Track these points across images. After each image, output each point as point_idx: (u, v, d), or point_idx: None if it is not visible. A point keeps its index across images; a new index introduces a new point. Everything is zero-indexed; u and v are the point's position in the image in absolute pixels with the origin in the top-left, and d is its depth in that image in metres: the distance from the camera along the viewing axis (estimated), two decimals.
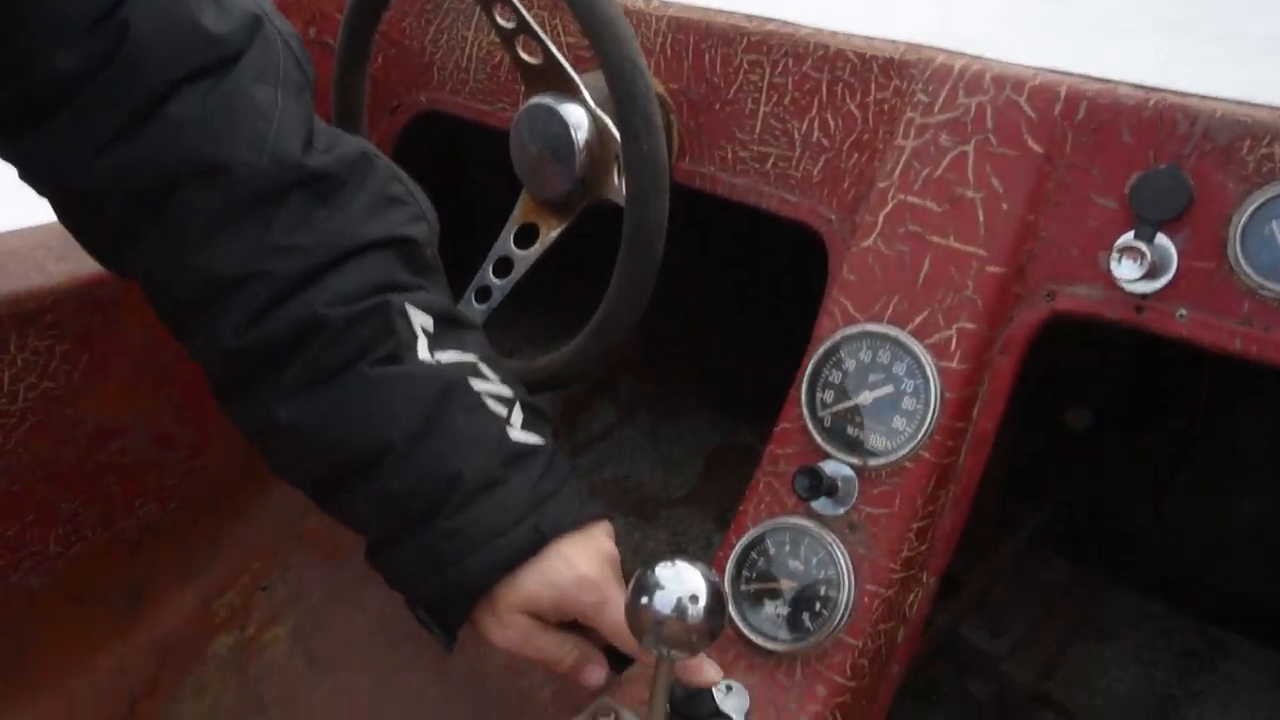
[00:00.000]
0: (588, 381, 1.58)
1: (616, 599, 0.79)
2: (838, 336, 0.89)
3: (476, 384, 0.78)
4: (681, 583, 0.72)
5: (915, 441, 0.84)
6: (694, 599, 0.71)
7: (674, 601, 0.71)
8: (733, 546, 0.90)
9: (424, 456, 0.75)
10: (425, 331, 0.78)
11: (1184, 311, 0.76)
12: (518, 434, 0.79)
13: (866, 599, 0.85)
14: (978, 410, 0.85)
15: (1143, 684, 1.20)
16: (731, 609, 0.89)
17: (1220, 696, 1.18)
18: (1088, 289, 0.80)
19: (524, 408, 0.81)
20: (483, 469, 0.76)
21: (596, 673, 0.83)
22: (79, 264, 1.09)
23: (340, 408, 0.74)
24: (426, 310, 0.78)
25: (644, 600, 0.72)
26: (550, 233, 1.08)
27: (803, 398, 0.90)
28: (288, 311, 0.74)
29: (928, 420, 0.84)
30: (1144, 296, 0.78)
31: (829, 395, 0.89)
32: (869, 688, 0.88)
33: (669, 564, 0.73)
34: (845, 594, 0.84)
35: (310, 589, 1.25)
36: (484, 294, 1.10)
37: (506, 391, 0.80)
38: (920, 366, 0.85)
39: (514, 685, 1.09)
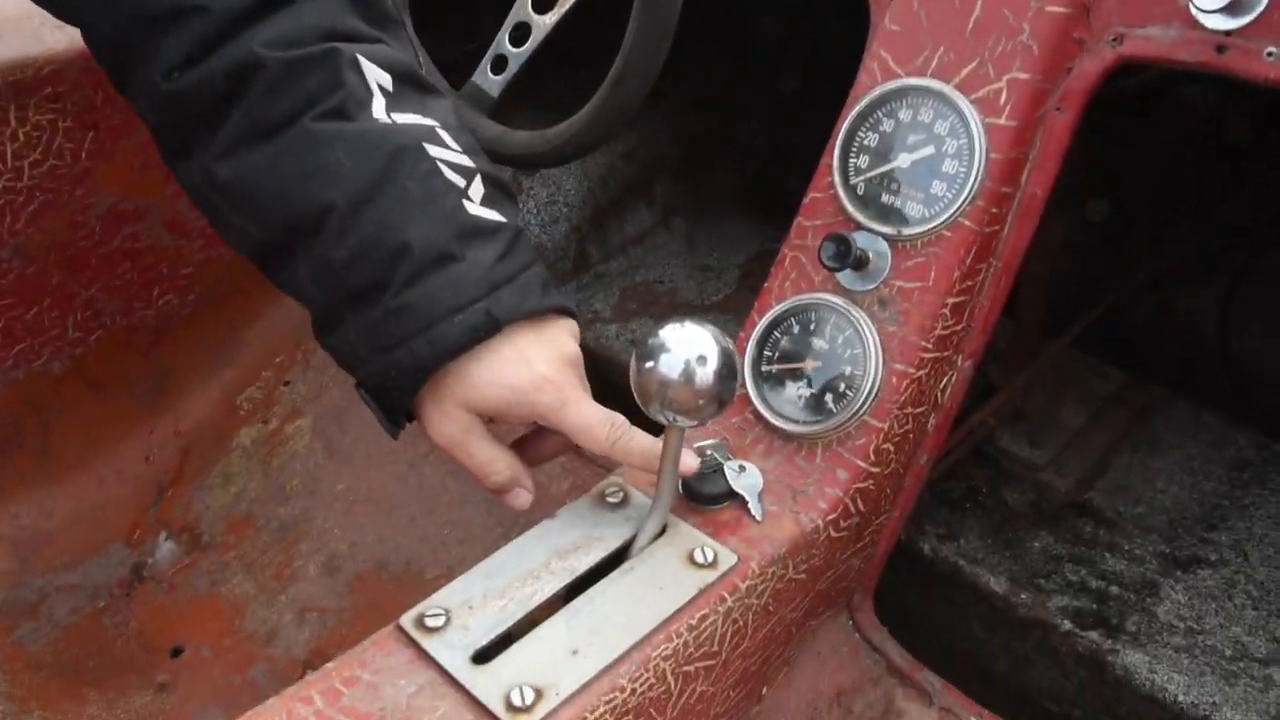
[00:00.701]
0: (619, 184, 1.51)
1: (577, 398, 0.75)
2: (876, 93, 0.80)
3: (433, 150, 0.72)
4: (690, 344, 0.67)
5: (955, 208, 0.77)
6: (702, 360, 0.67)
7: (681, 364, 0.67)
8: (755, 326, 0.85)
9: (368, 223, 0.69)
10: (382, 89, 0.71)
11: (1273, 50, 0.67)
12: (476, 208, 0.73)
13: (894, 379, 0.79)
14: (1027, 174, 0.77)
15: (1189, 495, 1.15)
16: (751, 390, 0.84)
17: (1271, 509, 1.12)
18: (1161, 29, 0.71)
19: (486, 181, 0.74)
20: (434, 241, 0.70)
21: (523, 497, 0.80)
22: (77, 33, 1.03)
23: (280, 164, 0.69)
24: (384, 66, 0.72)
25: (649, 364, 0.67)
26: None
27: (835, 163, 0.83)
28: (224, 53, 0.68)
29: (970, 184, 0.76)
30: (1227, 34, 0.68)
31: (863, 160, 0.82)
32: (894, 476, 0.84)
33: (677, 324, 0.68)
34: (871, 374, 0.79)
35: (330, 384, 1.23)
36: (500, 64, 1.02)
37: (467, 162, 0.74)
38: (965, 124, 0.76)
39: (533, 479, 1.07)
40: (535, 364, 0.74)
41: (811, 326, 0.82)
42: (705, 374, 0.66)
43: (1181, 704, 0.97)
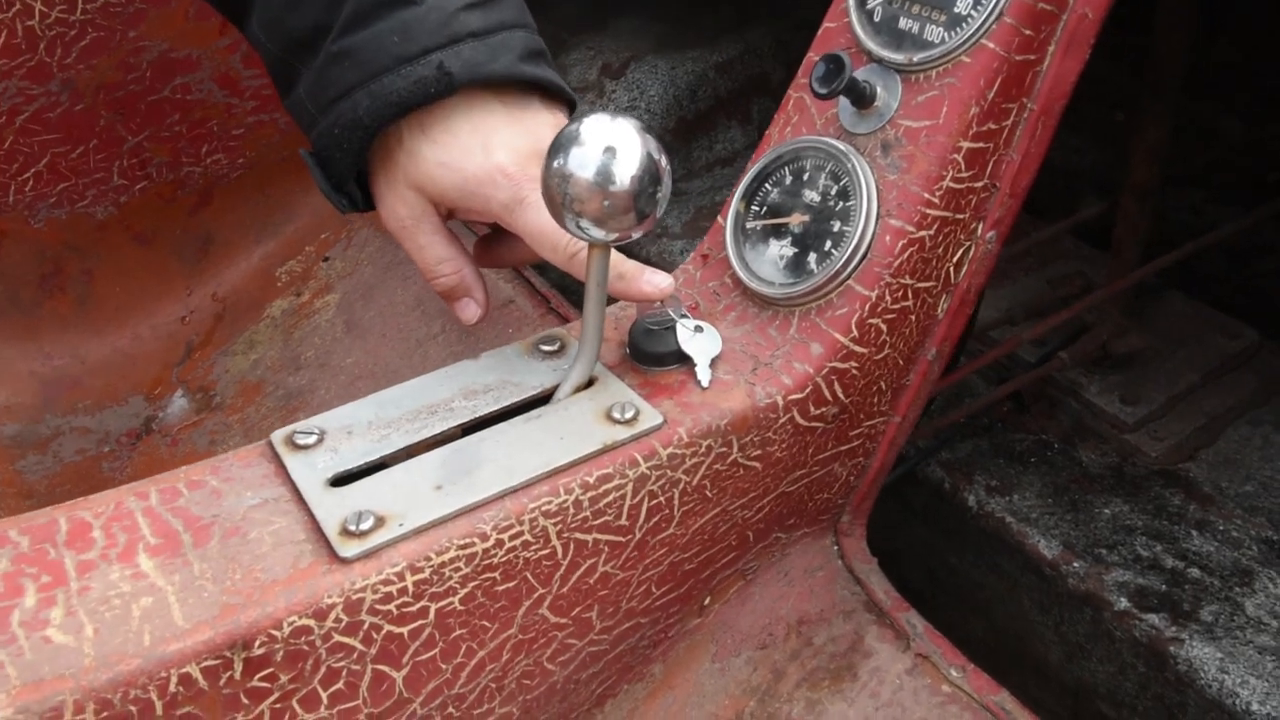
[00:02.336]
0: (709, 97, 1.40)
1: (537, 200, 0.63)
2: None
3: None
4: (605, 137, 0.56)
5: (978, 26, 0.62)
6: (612, 154, 0.56)
7: (591, 160, 0.56)
8: (744, 177, 0.73)
9: None
10: None
11: None
12: None
13: (889, 238, 0.66)
14: None
15: None
16: (730, 250, 0.72)
17: None
18: None
19: None
20: None
21: (470, 309, 0.72)
22: None
23: None
24: None
25: (558, 160, 0.57)
26: None
27: None
28: None
29: None
30: None
31: None
32: (889, 365, 0.70)
33: (601, 115, 0.57)
34: (860, 229, 0.66)
35: (365, 262, 1.18)
36: None
37: None
38: None
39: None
40: (495, 152, 0.64)
41: (805, 176, 0.69)
42: (619, 172, 0.55)
43: (1256, 714, 0.77)
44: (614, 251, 0.62)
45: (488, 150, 0.64)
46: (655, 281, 0.65)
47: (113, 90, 1.11)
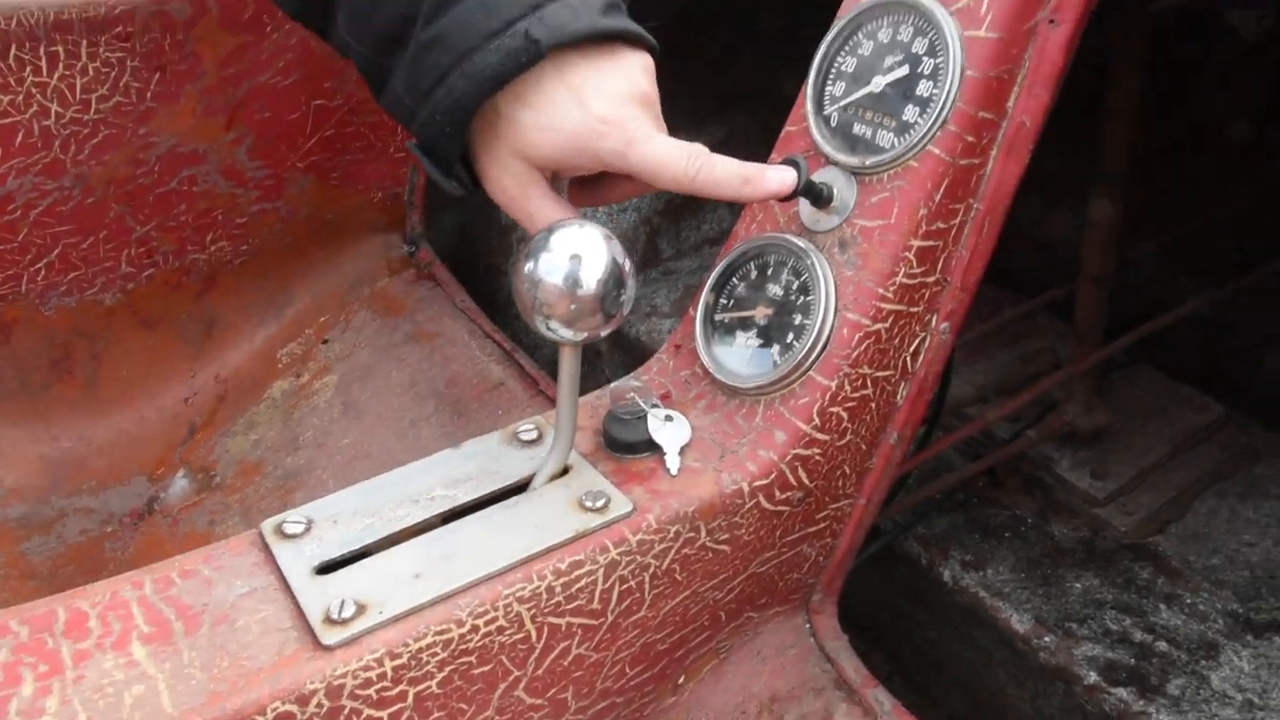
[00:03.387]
0: None
1: (645, 136, 0.65)
2: (854, 12, 0.72)
3: None
4: (572, 244, 0.60)
5: (924, 134, 0.67)
6: (578, 261, 0.60)
7: (558, 265, 0.60)
8: (713, 271, 0.77)
9: None
10: None
11: None
12: None
13: (847, 330, 0.69)
14: (1014, 99, 0.66)
15: None
16: (699, 341, 0.76)
17: None
18: None
19: None
20: None
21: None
22: None
23: None
24: None
25: (528, 264, 0.61)
26: None
27: (809, 92, 0.74)
28: None
29: (942, 105, 0.66)
30: None
31: (839, 87, 0.73)
32: (852, 450, 0.73)
33: (570, 223, 0.62)
34: (819, 322, 0.69)
35: (363, 345, 1.22)
36: None
37: None
38: (943, 39, 0.67)
39: None
40: (592, 103, 0.64)
41: (769, 271, 0.73)
42: (585, 277, 0.59)
43: None
44: (723, 167, 0.66)
45: (583, 104, 0.65)
46: (783, 179, 0.66)
47: (123, 184, 1.16)
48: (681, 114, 1.58)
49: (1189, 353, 1.23)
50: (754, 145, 1.54)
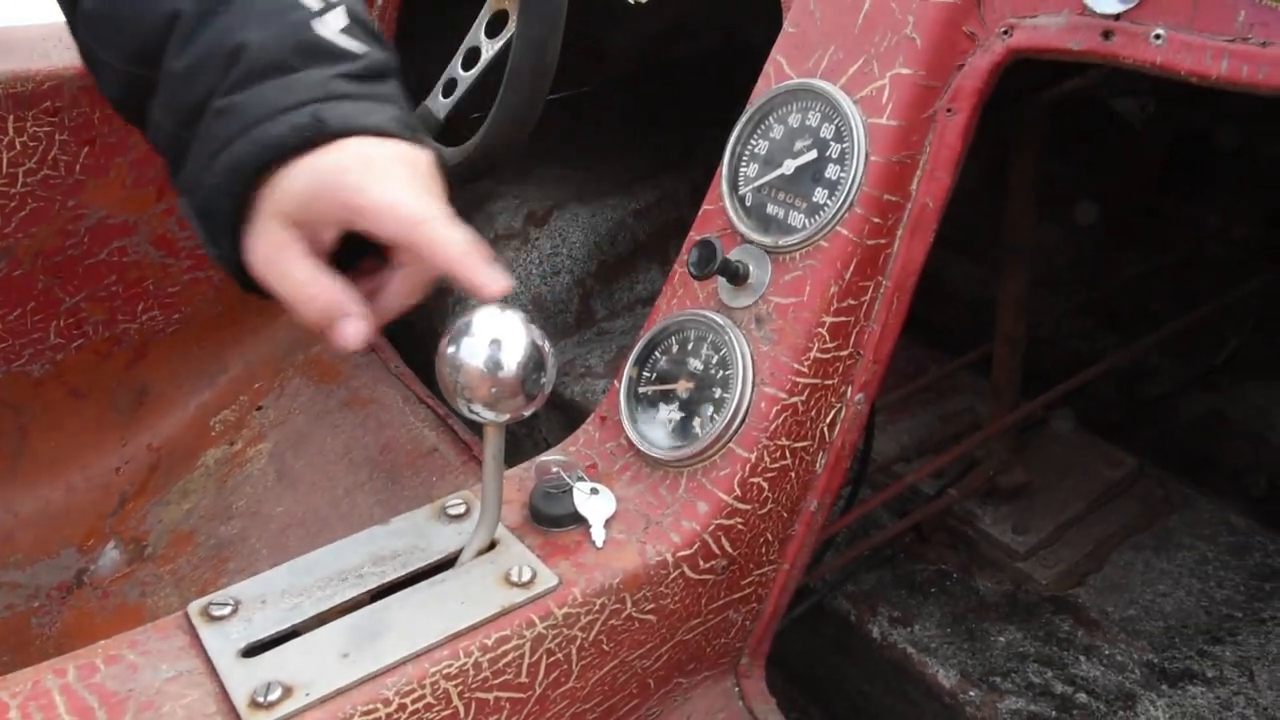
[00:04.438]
0: (629, 242, 1.48)
1: (390, 178, 0.63)
2: (765, 98, 0.75)
3: None
4: (492, 330, 0.62)
5: (833, 215, 0.70)
6: (498, 346, 0.61)
7: (479, 350, 0.61)
8: (636, 345, 0.79)
9: (210, 31, 0.65)
10: None
11: (1160, 32, 0.58)
12: (328, 31, 0.67)
13: (765, 404, 0.72)
14: (917, 182, 0.70)
15: (1196, 601, 0.99)
16: (624, 414, 0.78)
17: None
18: (1050, 17, 0.63)
19: (352, 16, 0.68)
20: (270, 48, 0.65)
21: (351, 327, 0.65)
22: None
23: None
24: None
25: (450, 349, 0.62)
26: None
27: (725, 173, 0.77)
28: None
29: (848, 189, 0.69)
30: (1115, 18, 0.60)
31: (752, 169, 0.76)
32: (774, 519, 0.75)
33: (487, 309, 0.63)
34: (738, 396, 0.72)
35: (297, 411, 1.23)
36: (450, 87, 1.02)
37: None
38: (848, 126, 0.70)
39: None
40: (353, 152, 0.64)
41: (689, 345, 0.76)
42: (506, 360, 0.61)
43: None
44: (455, 230, 0.63)
45: (343, 151, 0.64)
46: (495, 278, 0.63)
47: (51, 255, 1.16)
48: (613, 176, 1.63)
49: (1107, 402, 1.27)
50: (683, 208, 1.60)
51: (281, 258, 0.64)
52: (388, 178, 0.64)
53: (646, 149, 1.60)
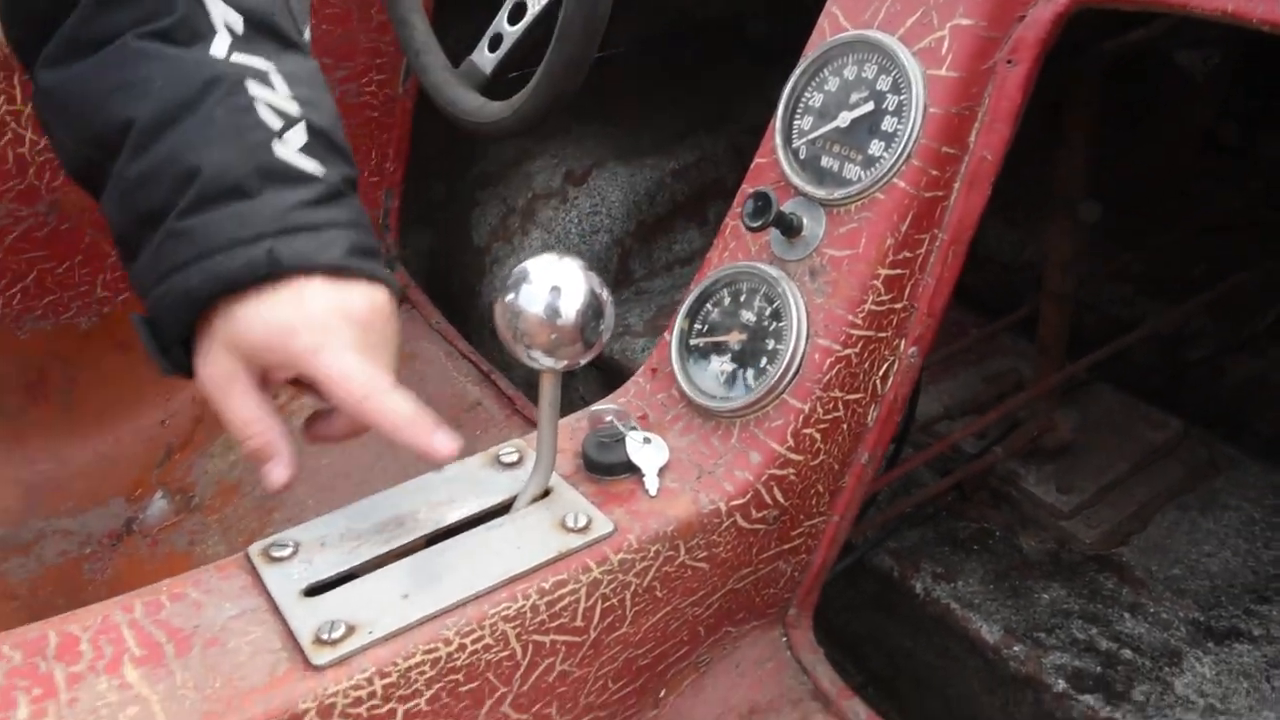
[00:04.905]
0: (667, 202, 1.48)
1: (340, 346, 0.65)
2: (821, 50, 0.74)
3: (255, 88, 0.67)
4: (552, 276, 0.62)
5: (889, 168, 0.69)
6: (558, 292, 0.62)
7: (539, 296, 0.62)
8: (688, 297, 0.79)
9: (166, 144, 0.65)
10: (230, 29, 0.68)
11: None
12: (288, 152, 0.67)
13: (818, 355, 0.72)
14: (975, 135, 0.69)
15: (1244, 562, 0.99)
16: (675, 365, 0.78)
17: None
18: None
19: (313, 132, 0.69)
20: (228, 171, 0.65)
21: (277, 471, 0.70)
22: None
23: (96, 76, 0.67)
24: (238, 8, 0.69)
25: (509, 296, 0.63)
26: None
27: (778, 125, 0.77)
28: None
29: (906, 140, 0.69)
30: None
31: (806, 121, 0.76)
32: (825, 470, 0.76)
33: (549, 257, 0.64)
34: (792, 348, 0.72)
35: None
36: (496, 42, 1.01)
37: (293, 109, 0.68)
38: (906, 77, 0.70)
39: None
40: (309, 306, 0.66)
41: (741, 298, 0.76)
42: (565, 307, 0.61)
43: None
44: (401, 402, 0.67)
45: (300, 303, 0.66)
46: (445, 443, 0.67)
47: (96, 209, 1.16)
48: (651, 135, 1.62)
49: (1150, 367, 1.27)
50: (722, 168, 1.59)
51: (230, 390, 0.67)
52: (338, 344, 0.66)
53: (684, 108, 1.59)
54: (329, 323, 0.66)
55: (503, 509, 0.70)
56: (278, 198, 0.66)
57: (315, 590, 0.64)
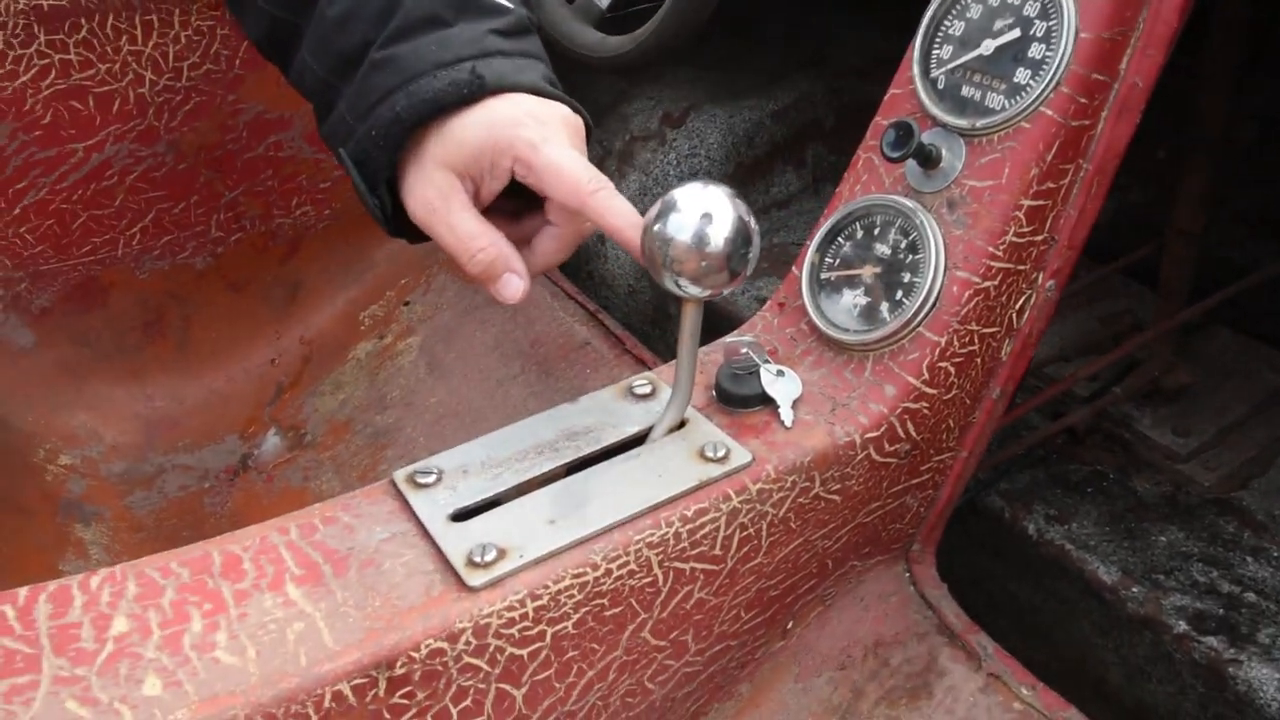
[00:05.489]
0: (766, 144, 1.46)
1: (561, 140, 0.66)
2: None
3: None
4: (701, 204, 0.62)
5: (1036, 95, 0.68)
6: (708, 220, 0.62)
7: (688, 224, 0.62)
8: (818, 231, 0.79)
9: None
10: None
11: None
12: None
13: (956, 289, 0.71)
14: (1127, 61, 0.67)
15: None
16: (807, 299, 0.78)
17: None
18: None
19: None
20: (425, 3, 0.67)
21: (513, 284, 0.69)
22: None
23: None
24: None
25: (657, 224, 0.63)
26: None
27: (916, 55, 0.75)
28: None
29: (1055, 67, 0.67)
30: None
31: (946, 50, 0.74)
32: (958, 404, 0.75)
33: (694, 184, 0.64)
34: (930, 280, 0.71)
35: (445, 306, 1.25)
36: None
37: None
38: (1056, 2, 0.68)
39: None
40: (525, 105, 0.67)
41: (875, 230, 0.75)
42: (714, 235, 0.61)
43: None
44: (624, 201, 0.67)
45: (515, 105, 0.67)
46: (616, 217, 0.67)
47: (212, 150, 1.19)
48: (748, 78, 1.60)
49: (1262, 313, 1.23)
50: (820, 109, 1.57)
51: (447, 207, 0.67)
52: (559, 139, 0.66)
53: (781, 49, 1.57)
54: (549, 120, 0.66)
55: (639, 439, 0.71)
56: (473, 26, 0.67)
57: (462, 516, 0.66)
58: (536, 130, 0.66)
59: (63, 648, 0.56)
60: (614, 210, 0.67)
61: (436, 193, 0.67)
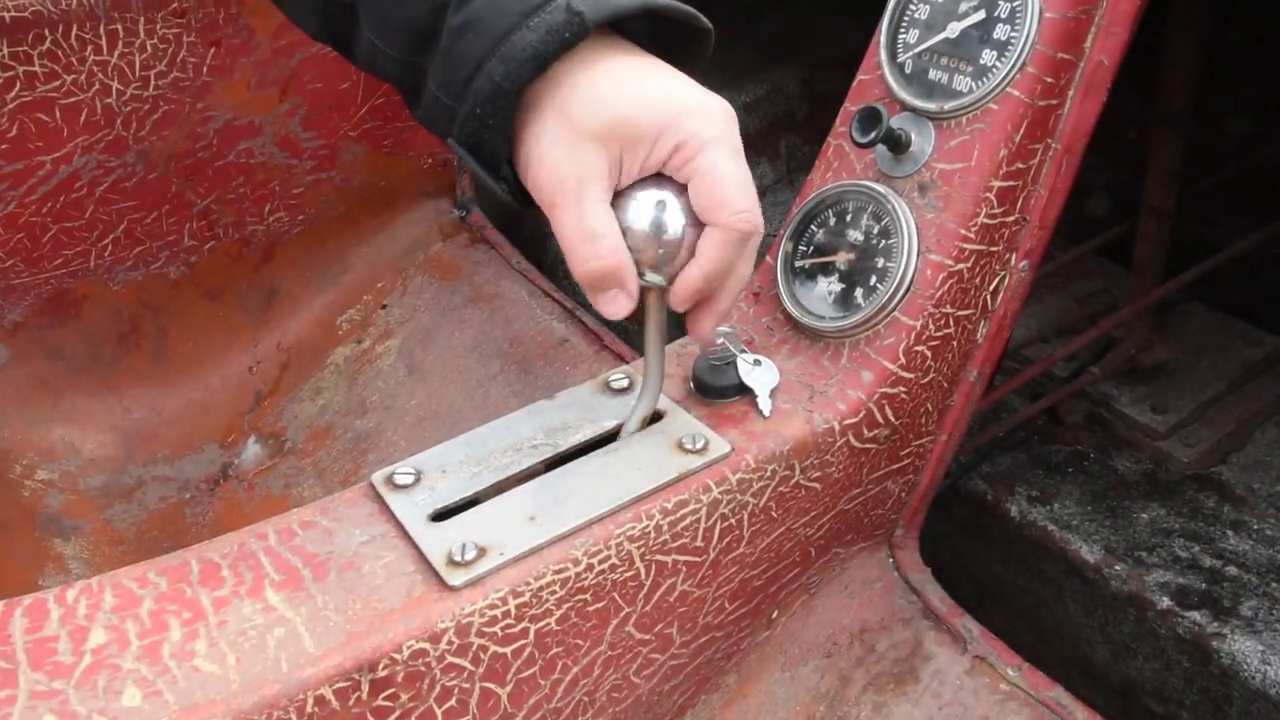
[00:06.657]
0: (741, 136, 1.46)
1: (732, 147, 0.58)
2: None
3: None
4: (658, 193, 0.62)
5: (1003, 77, 0.68)
6: (662, 206, 0.61)
7: (645, 211, 0.62)
8: (791, 219, 0.79)
9: None
10: None
11: None
12: None
13: (930, 272, 0.71)
14: (1092, 39, 0.68)
15: None
16: (781, 288, 0.78)
17: None
18: None
19: None
20: None
21: (621, 303, 0.61)
22: None
23: None
24: None
25: (617, 214, 0.63)
26: None
27: (883, 40, 0.75)
28: None
29: (1021, 48, 0.67)
30: None
31: (912, 35, 0.74)
32: (935, 388, 0.75)
33: (655, 178, 0.63)
34: (903, 264, 0.71)
35: (423, 308, 1.25)
36: None
37: None
38: None
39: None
40: (664, 80, 0.58)
41: (848, 217, 0.75)
42: (670, 222, 0.61)
43: None
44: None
45: (677, 78, 0.59)
46: (703, 323, 0.65)
47: (182, 158, 1.18)
48: (719, 69, 1.60)
49: (1237, 288, 1.24)
50: (793, 100, 1.56)
51: (585, 193, 0.58)
52: (733, 141, 0.59)
53: (752, 41, 1.56)
54: (711, 110, 0.59)
55: (617, 433, 0.71)
56: None
57: (441, 515, 0.65)
58: (706, 119, 0.58)
59: (40, 661, 0.55)
60: (757, 235, 0.60)
61: (576, 170, 0.57)
